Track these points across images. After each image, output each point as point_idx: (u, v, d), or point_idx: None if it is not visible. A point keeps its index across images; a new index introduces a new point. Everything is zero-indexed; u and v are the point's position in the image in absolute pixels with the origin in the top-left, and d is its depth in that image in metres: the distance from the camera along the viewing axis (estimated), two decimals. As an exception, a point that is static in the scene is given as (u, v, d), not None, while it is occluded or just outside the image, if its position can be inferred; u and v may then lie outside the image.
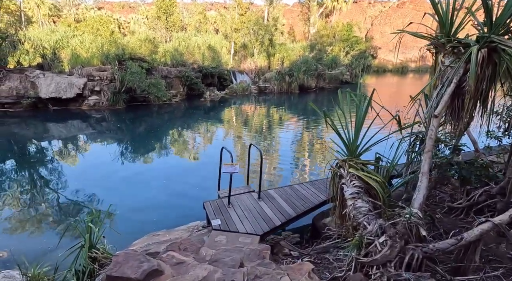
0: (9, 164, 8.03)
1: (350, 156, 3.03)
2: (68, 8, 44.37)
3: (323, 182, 4.81)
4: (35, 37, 17.10)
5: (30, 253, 3.72)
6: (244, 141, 10.93)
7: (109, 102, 14.80)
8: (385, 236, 2.28)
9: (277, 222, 3.66)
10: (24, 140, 10.28)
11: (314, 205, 4.10)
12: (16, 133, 11.07)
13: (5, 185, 6.57)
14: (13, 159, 8.42)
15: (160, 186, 6.31)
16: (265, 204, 4.15)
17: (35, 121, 12.72)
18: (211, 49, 24.46)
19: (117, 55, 15.67)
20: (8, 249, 3.79)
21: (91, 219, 2.81)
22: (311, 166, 8.02)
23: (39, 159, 8.56)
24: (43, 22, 36.08)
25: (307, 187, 4.75)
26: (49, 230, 4.58)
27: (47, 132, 11.60)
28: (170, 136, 11.57)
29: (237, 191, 4.55)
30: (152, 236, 3.71)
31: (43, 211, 5.30)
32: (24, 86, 13.75)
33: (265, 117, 15.39)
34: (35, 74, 13.98)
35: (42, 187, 6.53)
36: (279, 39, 31.38)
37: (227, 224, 3.58)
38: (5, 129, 11.50)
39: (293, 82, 23.64)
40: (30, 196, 6.04)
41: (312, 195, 4.43)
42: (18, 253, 3.55)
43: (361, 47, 35.49)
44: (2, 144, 9.73)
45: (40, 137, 10.73)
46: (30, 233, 4.54)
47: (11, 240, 4.18)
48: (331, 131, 3.27)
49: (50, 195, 6.09)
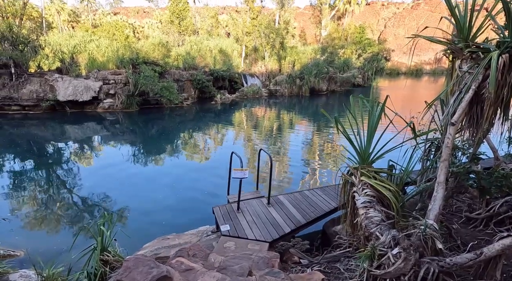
0: (27, 164, 8.34)
1: (362, 163, 2.96)
2: (86, 14, 46.09)
3: (334, 189, 4.72)
4: (55, 42, 17.82)
5: (46, 253, 3.83)
6: (254, 144, 10.93)
7: (123, 105, 15.18)
8: (398, 248, 2.20)
9: (286, 229, 3.61)
10: (42, 141, 10.67)
11: (324, 212, 4.02)
12: (35, 134, 11.50)
13: (24, 185, 6.82)
14: (32, 159, 8.74)
15: (170, 189, 6.39)
16: (275, 210, 4.11)
17: (53, 123, 13.19)
18: (222, 52, 24.73)
19: (131, 59, 16.08)
20: (25, 248, 3.92)
21: (103, 222, 2.86)
22: (322, 171, 7.90)
23: (56, 160, 8.85)
24: (63, 28, 37.59)
25: (318, 193, 4.68)
26: (63, 231, 4.71)
27: (64, 133, 12.00)
28: (181, 138, 11.72)
29: (247, 196, 4.54)
30: (162, 239, 3.74)
31: (58, 211, 5.46)
32: (43, 89, 14.31)
33: (275, 121, 15.35)
34: (54, 77, 14.53)
35: (57, 187, 6.73)
36: (290, 42, 31.37)
37: (236, 230, 3.56)
38: (26, 131, 11.97)
39: (304, 85, 23.54)
40: (46, 196, 6.24)
41: (323, 201, 4.35)
42: (34, 253, 3.67)
43: (373, 49, 34.97)
44: (22, 145, 10.13)
45: (57, 139, 11.10)
46: (46, 233, 4.68)
47: (28, 239, 4.32)
48: (342, 136, 3.21)
49: (65, 196, 6.27)
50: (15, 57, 13.66)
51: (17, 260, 3.69)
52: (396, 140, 3.08)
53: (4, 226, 4.21)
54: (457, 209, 4.00)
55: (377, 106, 2.98)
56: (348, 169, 3.08)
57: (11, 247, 3.90)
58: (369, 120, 2.97)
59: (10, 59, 13.60)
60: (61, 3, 39.42)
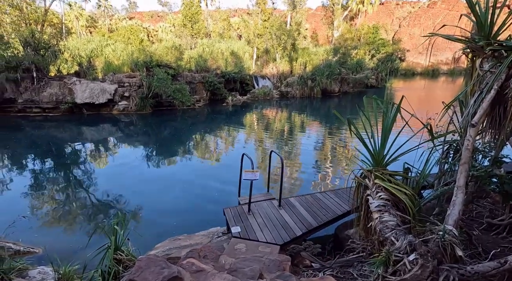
0: (46, 164, 8.67)
1: (376, 166, 2.88)
2: (103, 19, 47.75)
3: (346, 191, 4.62)
4: (73, 47, 18.54)
5: (63, 250, 3.96)
6: (265, 146, 10.90)
7: (137, 107, 15.55)
8: (415, 254, 2.12)
9: (298, 232, 3.56)
10: (61, 142, 11.07)
11: (336, 215, 3.94)
12: (54, 136, 11.97)
13: (43, 184, 7.10)
14: (51, 160, 9.08)
15: (182, 190, 6.48)
16: (286, 212, 4.06)
17: (71, 125, 13.68)
18: (234, 54, 24.92)
19: (145, 62, 16.46)
20: (43, 245, 4.07)
21: (116, 222, 2.92)
22: (333, 174, 7.77)
23: (73, 161, 9.15)
24: (81, 33, 39.08)
25: (329, 196, 4.59)
26: (79, 229, 4.85)
27: (81, 135, 12.41)
28: (193, 140, 11.86)
29: (258, 198, 4.52)
30: (173, 240, 3.78)
31: (74, 210, 5.63)
32: (62, 92, 14.88)
33: (286, 122, 15.28)
34: (72, 81, 15.08)
35: (74, 187, 6.96)
36: (302, 44, 31.19)
37: (247, 232, 3.54)
38: (45, 132, 12.49)
39: (315, 86, 23.32)
40: (63, 195, 6.47)
41: (335, 204, 4.27)
42: (51, 250, 3.79)
43: (388, 49, 34.21)
44: (42, 145, 10.56)
45: (74, 140, 11.50)
46: (63, 230, 4.83)
47: (46, 237, 4.48)
48: (355, 138, 3.14)
49: (81, 195, 6.47)
50: (36, 62, 14.29)
51: (36, 257, 3.83)
52: (411, 142, 2.98)
53: (24, 224, 4.39)
54: (477, 214, 3.81)
55: (392, 107, 2.89)
56: (361, 171, 3.00)
57: (31, 244, 4.06)
58: (383, 121, 2.89)
59: (32, 64, 14.25)
60: (80, 9, 41.04)
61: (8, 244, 3.77)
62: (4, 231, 3.69)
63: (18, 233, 4.19)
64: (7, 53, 13.79)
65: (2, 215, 5.10)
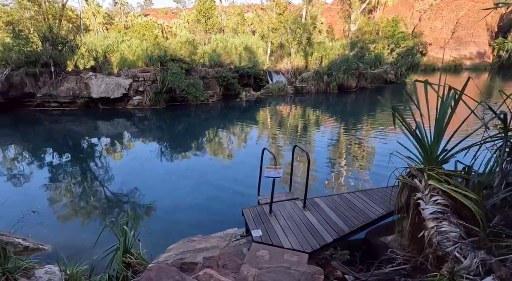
0: (62, 159, 8.64)
1: (429, 163, 2.40)
2: (119, 16, 48.56)
3: (379, 192, 4.13)
4: (90, 42, 18.74)
5: (72, 248, 3.75)
6: (280, 142, 10.48)
7: (151, 101, 15.48)
8: (493, 277, 1.67)
9: (328, 238, 3.12)
10: (77, 137, 11.10)
11: (370, 220, 3.48)
12: (71, 130, 12.05)
13: (56, 178, 7.01)
14: (66, 154, 9.06)
15: (196, 187, 6.17)
16: (312, 214, 3.64)
17: (87, 119, 13.77)
18: (247, 49, 24.49)
19: (160, 57, 16.35)
20: (53, 242, 3.87)
21: (126, 222, 2.63)
22: (359, 172, 7.16)
23: (87, 155, 9.09)
24: (98, 30, 39.85)
25: (359, 197, 4.12)
26: (90, 225, 4.63)
27: (97, 129, 12.43)
28: (207, 136, 11.60)
29: (279, 197, 4.10)
30: (188, 242, 3.46)
31: (86, 206, 5.46)
32: (79, 87, 15.00)
33: (303, 118, 14.75)
34: (88, 75, 15.17)
35: (85, 182, 6.82)
36: (317, 38, 30.31)
37: (269, 236, 3.15)
38: (62, 126, 12.60)
39: (331, 82, 22.54)
40: (74, 190, 6.33)
41: (367, 207, 3.81)
42: (60, 247, 3.58)
43: (408, 43, 32.67)
44: (58, 139, 10.61)
45: (90, 134, 11.51)
46: (73, 227, 4.63)
47: (56, 233, 4.28)
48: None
49: (92, 190, 6.31)
50: (54, 57, 14.45)
51: (45, 254, 3.63)
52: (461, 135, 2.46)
53: (34, 219, 4.22)
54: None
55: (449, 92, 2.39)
56: (407, 170, 2.53)
57: (40, 241, 3.87)
58: (439, 111, 2.41)
59: (50, 58, 14.41)
60: (97, 7, 41.82)
61: (18, 240, 3.60)
62: (13, 226, 3.50)
63: (28, 228, 4.03)
64: (27, 48, 13.99)
65: (15, 207, 4.99)
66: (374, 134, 11.14)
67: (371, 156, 8.30)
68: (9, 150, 9.50)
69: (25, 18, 14.60)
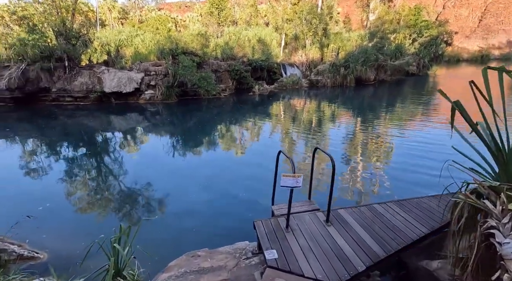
0: (71, 154, 8.56)
1: (509, 180, 1.83)
2: (134, 11, 48.86)
3: (416, 204, 3.52)
4: (104, 37, 18.74)
5: (68, 257, 3.47)
6: (295, 138, 9.95)
7: (162, 96, 15.30)
8: None
9: (359, 265, 2.54)
10: (90, 131, 11.07)
11: (411, 241, 2.86)
12: (84, 124, 12.05)
13: (66, 175, 6.87)
14: (77, 150, 8.99)
15: (205, 189, 5.75)
16: (337, 231, 3.08)
17: (100, 114, 13.77)
18: (261, 42, 23.80)
19: (171, 50, 16.08)
20: (50, 249, 3.63)
21: (118, 238, 2.27)
22: (384, 176, 6.39)
23: (98, 152, 8.97)
24: (113, 25, 40.25)
25: (392, 209, 3.51)
26: (91, 231, 4.33)
27: (109, 124, 12.38)
28: (218, 132, 11.24)
29: (297, 208, 3.57)
30: (191, 257, 3.09)
31: (89, 208, 5.18)
32: (92, 81, 15.02)
33: (318, 113, 14.10)
34: (101, 70, 15.15)
35: (95, 181, 6.63)
36: (334, 29, 29.06)
37: (287, 260, 2.62)
38: (76, 121, 12.65)
39: (349, 74, 21.54)
40: (81, 190, 6.12)
41: (404, 223, 3.18)
42: (57, 256, 3.31)
43: (432, 32, 30.71)
44: (72, 134, 10.60)
45: (102, 129, 11.45)
46: (73, 233, 4.26)
47: (54, 239, 3.97)
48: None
49: (96, 191, 6.05)
50: (68, 51, 14.48)
51: (39, 264, 3.39)
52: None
53: (33, 223, 4.00)
54: None
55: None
56: (474, 187, 1.97)
57: (37, 247, 3.64)
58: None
59: (64, 53, 14.46)
60: (112, 1, 42.18)
61: (13, 246, 3.38)
62: (7, 232, 3.25)
63: (28, 230, 3.81)
64: (41, 43, 14.08)
65: (22, 205, 4.84)
66: (399, 132, 10.37)
67: (399, 158, 7.52)
68: (26, 144, 9.55)
69: (39, 12, 14.69)
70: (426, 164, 6.63)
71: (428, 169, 6.20)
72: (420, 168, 6.41)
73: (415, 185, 5.49)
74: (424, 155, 7.37)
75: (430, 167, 6.25)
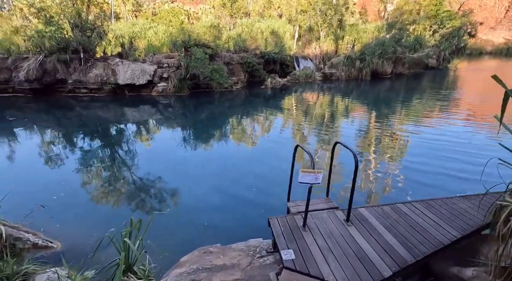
0: (85, 145, 8.69)
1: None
2: (147, 3, 49.06)
3: (444, 204, 3.26)
4: (118, 29, 18.86)
5: (82, 247, 3.48)
6: (307, 135, 9.71)
7: (175, 88, 15.31)
8: None
9: (385, 271, 2.31)
10: (105, 123, 11.22)
11: (442, 245, 2.62)
12: (99, 116, 12.24)
13: (81, 166, 6.97)
14: (92, 141, 9.12)
15: (217, 182, 5.67)
16: (358, 232, 2.87)
17: (114, 106, 13.94)
18: (274, 34, 23.34)
19: (184, 42, 15.99)
20: (64, 238, 3.65)
21: (129, 232, 2.19)
22: (403, 173, 6.07)
23: (112, 144, 9.07)
24: (127, 17, 40.56)
25: (419, 209, 3.24)
26: (103, 221, 4.35)
27: (123, 116, 12.52)
28: (231, 125, 11.14)
29: (314, 205, 3.35)
30: (203, 252, 3.00)
31: (103, 199, 5.21)
32: (106, 73, 15.18)
33: (332, 107, 13.73)
34: (115, 62, 15.28)
35: (108, 172, 6.69)
36: (349, 20, 28.12)
37: (305, 262, 2.44)
38: (92, 112, 12.86)
39: (364, 67, 20.84)
40: (96, 180, 6.17)
41: (432, 224, 2.93)
42: (71, 246, 3.31)
43: (454, 23, 29.17)
44: (88, 125, 10.78)
45: (116, 121, 11.59)
46: (86, 222, 4.31)
47: (67, 228, 4.01)
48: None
49: (109, 182, 6.09)
50: (83, 43, 14.64)
51: (53, 253, 3.41)
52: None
53: (47, 212, 4.05)
54: None
55: None
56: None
57: (51, 237, 3.67)
58: None
59: (79, 45, 14.64)
60: (126, -6, 42.38)
61: (28, 235, 3.41)
62: (22, 220, 3.27)
63: (42, 220, 3.85)
64: (57, 34, 14.29)
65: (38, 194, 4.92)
66: (419, 128, 9.93)
67: (418, 156, 7.14)
68: (43, 135, 9.79)
69: (56, 3, 14.88)
70: (448, 163, 6.28)
71: (451, 168, 5.86)
72: (443, 167, 6.08)
73: (436, 185, 5.19)
74: (448, 154, 6.97)
75: (453, 166, 5.91)
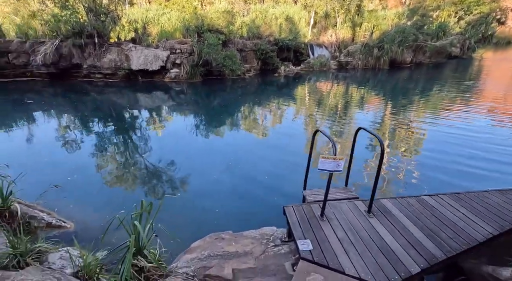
0: (102, 129, 8.78)
1: None
2: (161, -11, 48.43)
3: (476, 198, 2.97)
4: (132, 14, 18.75)
5: (95, 228, 3.50)
6: (320, 125, 9.44)
7: (187, 75, 15.20)
8: None
9: (412, 267, 2.13)
10: (119, 108, 11.32)
11: (477, 243, 2.41)
12: (113, 101, 12.35)
13: (94, 149, 7.05)
14: (107, 126, 9.21)
15: (229, 169, 5.62)
16: (381, 224, 2.68)
17: (127, 91, 14.03)
18: (288, 20, 22.61)
19: (197, 27, 15.72)
20: (77, 219, 3.68)
21: (139, 214, 2.12)
22: (428, 166, 5.71)
23: (126, 129, 9.13)
24: (141, 3, 40.30)
25: (448, 203, 2.98)
26: (116, 202, 4.38)
27: (136, 101, 12.58)
28: (244, 112, 10.99)
29: (333, 194, 3.15)
30: (215, 238, 2.94)
31: (112, 181, 5.24)
32: (120, 58, 15.21)
33: (348, 97, 13.29)
34: (129, 47, 15.25)
35: (121, 156, 6.73)
36: (368, 6, 26.81)
37: (323, 253, 2.30)
38: (106, 97, 13.00)
39: (382, 56, 19.95)
40: (110, 163, 6.23)
41: (464, 219, 2.69)
42: (84, 227, 3.33)
43: (482, 9, 27.31)
44: (102, 109, 10.91)
45: (129, 106, 11.66)
46: (100, 203, 4.36)
47: (80, 209, 4.07)
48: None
49: (121, 165, 6.12)
50: (97, 27, 14.64)
51: (65, 233, 3.45)
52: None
53: (60, 193, 4.09)
54: None
55: None
56: None
57: (64, 216, 3.72)
58: None
59: (94, 30, 14.65)
60: (139, -21, 41.93)
61: (42, 214, 3.46)
62: (36, 199, 3.30)
63: (55, 201, 3.89)
64: (73, 19, 14.33)
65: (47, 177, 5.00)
66: (443, 120, 9.47)
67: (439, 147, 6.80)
68: (59, 118, 9.97)
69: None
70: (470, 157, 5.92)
71: (476, 161, 5.52)
72: (467, 159, 5.74)
73: (468, 174, 4.90)
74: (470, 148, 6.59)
75: (476, 159, 5.57)
